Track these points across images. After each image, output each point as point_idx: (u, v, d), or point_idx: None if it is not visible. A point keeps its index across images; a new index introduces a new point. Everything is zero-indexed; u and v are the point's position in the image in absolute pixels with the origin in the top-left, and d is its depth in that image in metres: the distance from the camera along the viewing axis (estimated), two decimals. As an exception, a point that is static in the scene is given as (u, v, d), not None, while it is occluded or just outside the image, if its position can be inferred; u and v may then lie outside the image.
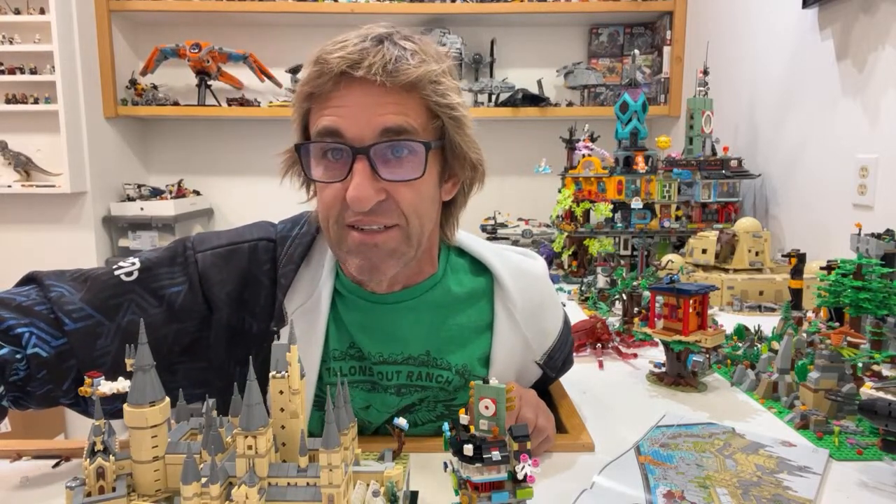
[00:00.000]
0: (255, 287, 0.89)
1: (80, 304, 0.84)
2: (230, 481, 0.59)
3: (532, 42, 3.19)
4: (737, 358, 1.27)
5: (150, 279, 0.87)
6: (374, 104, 0.76)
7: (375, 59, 0.75)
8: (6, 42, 2.72)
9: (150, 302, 0.86)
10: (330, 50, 0.77)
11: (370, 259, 0.81)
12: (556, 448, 0.89)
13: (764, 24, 2.32)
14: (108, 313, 0.84)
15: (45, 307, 0.83)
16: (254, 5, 2.94)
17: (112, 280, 0.86)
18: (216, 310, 0.88)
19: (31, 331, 0.80)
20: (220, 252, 0.90)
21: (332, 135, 0.78)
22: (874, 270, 1.24)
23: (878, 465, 0.86)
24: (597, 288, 1.86)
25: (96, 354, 0.83)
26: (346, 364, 0.91)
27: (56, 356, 0.81)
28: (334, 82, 0.77)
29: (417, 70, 0.76)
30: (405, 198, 0.79)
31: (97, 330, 0.83)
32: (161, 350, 0.84)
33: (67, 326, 0.82)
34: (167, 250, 0.91)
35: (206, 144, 3.29)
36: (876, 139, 1.70)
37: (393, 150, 0.78)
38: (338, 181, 0.79)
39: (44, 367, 0.80)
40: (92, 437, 0.62)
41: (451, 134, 0.81)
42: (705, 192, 2.18)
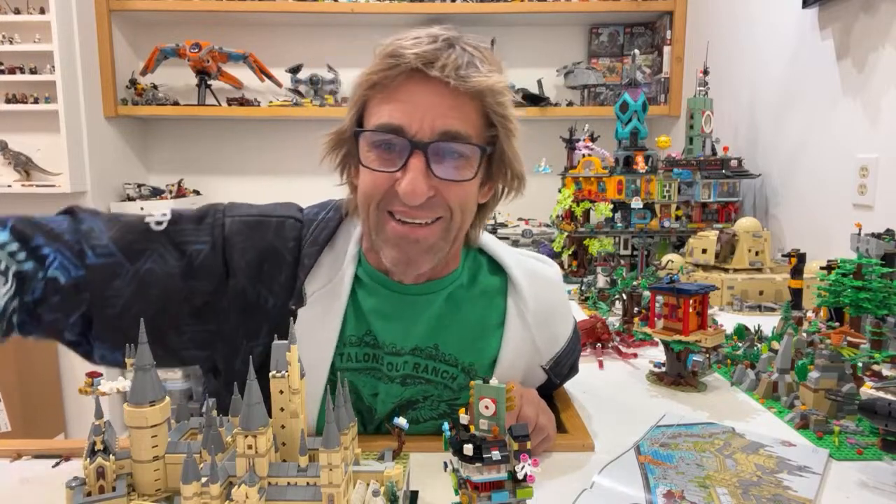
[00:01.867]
0: (277, 262, 0.89)
1: (107, 241, 0.85)
2: (230, 481, 0.59)
3: (532, 42, 3.19)
4: (737, 358, 1.27)
5: (176, 232, 0.88)
6: (439, 105, 0.78)
7: (448, 61, 0.77)
8: (6, 42, 2.71)
9: (172, 254, 0.86)
10: (405, 45, 0.78)
11: (407, 253, 0.82)
12: (556, 448, 0.89)
13: (764, 24, 2.32)
14: (130, 256, 0.85)
15: (74, 238, 0.84)
16: (254, 5, 2.94)
17: (141, 226, 0.88)
18: (233, 275, 0.88)
19: (56, 255, 0.82)
20: (248, 221, 0.91)
21: (393, 129, 0.79)
22: (874, 270, 1.24)
23: (878, 465, 0.86)
24: (597, 288, 1.86)
25: (109, 294, 0.84)
26: (361, 350, 0.91)
27: (72, 285, 0.82)
28: (406, 77, 0.79)
29: (487, 80, 0.79)
30: (453, 196, 0.82)
31: (116, 269, 0.84)
32: (172, 305, 0.86)
33: (89, 260, 0.83)
34: (199, 210, 0.93)
35: (206, 144, 3.29)
36: (876, 139, 1.70)
37: (448, 151, 0.80)
38: (389, 171, 0.80)
39: (58, 293, 0.82)
40: (92, 437, 0.62)
41: (502, 143, 0.84)
42: (705, 191, 2.18)
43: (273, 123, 3.24)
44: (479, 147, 0.81)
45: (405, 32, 0.82)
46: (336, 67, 3.10)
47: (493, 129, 0.83)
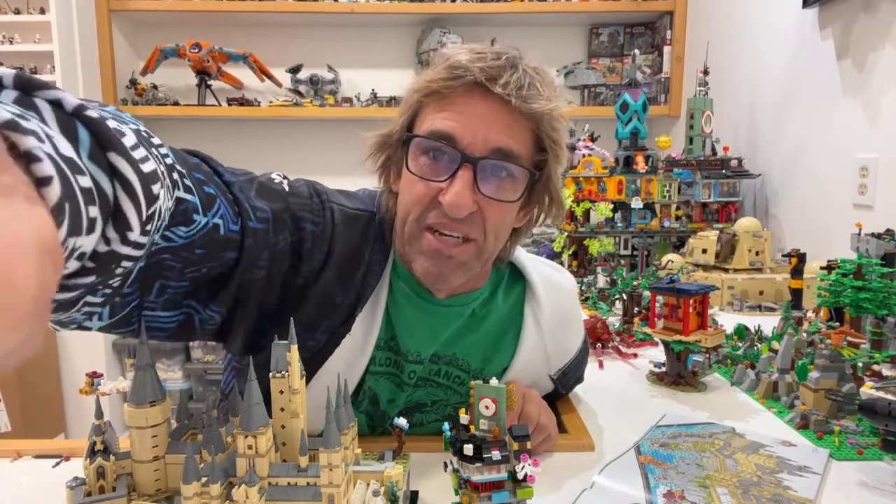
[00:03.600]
0: (358, 261, 0.85)
1: (263, 205, 0.75)
2: (230, 481, 0.59)
3: (532, 42, 3.19)
4: (737, 358, 1.27)
5: (298, 207, 0.80)
6: (495, 121, 0.77)
7: (511, 80, 0.76)
8: (6, 42, 2.72)
9: (290, 229, 0.79)
10: (469, 58, 0.77)
11: (440, 267, 0.81)
12: (557, 448, 0.89)
13: (764, 24, 2.32)
14: (276, 226, 0.76)
15: (226, 189, 0.70)
16: (254, 5, 2.94)
17: (279, 191, 0.79)
18: (330, 267, 0.82)
19: (221, 202, 0.68)
20: (349, 213, 0.86)
21: (445, 137, 0.77)
22: (874, 270, 1.24)
23: (879, 465, 0.86)
24: (597, 288, 1.86)
25: (258, 265, 0.74)
26: (385, 354, 0.90)
27: (225, 241, 0.69)
28: (466, 89, 0.78)
29: (548, 104, 0.78)
30: (492, 215, 0.80)
31: (267, 238, 0.75)
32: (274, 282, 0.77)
33: (251, 223, 0.72)
34: (298, 183, 0.84)
35: (206, 144, 3.27)
36: (876, 139, 1.70)
37: (496, 169, 0.78)
38: (435, 180, 0.78)
39: (207, 246, 0.66)
40: (92, 437, 0.62)
41: (550, 169, 0.83)
42: (705, 191, 2.18)
43: (273, 123, 3.24)
44: (528, 170, 0.80)
45: (466, 45, 0.81)
46: (336, 67, 3.10)
47: (544, 154, 0.82)
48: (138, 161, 0.46)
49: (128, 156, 0.45)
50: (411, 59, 3.16)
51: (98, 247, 0.44)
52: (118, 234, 0.45)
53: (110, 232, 0.44)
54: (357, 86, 3.16)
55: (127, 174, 0.44)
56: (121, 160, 0.44)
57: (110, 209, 0.44)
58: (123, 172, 0.44)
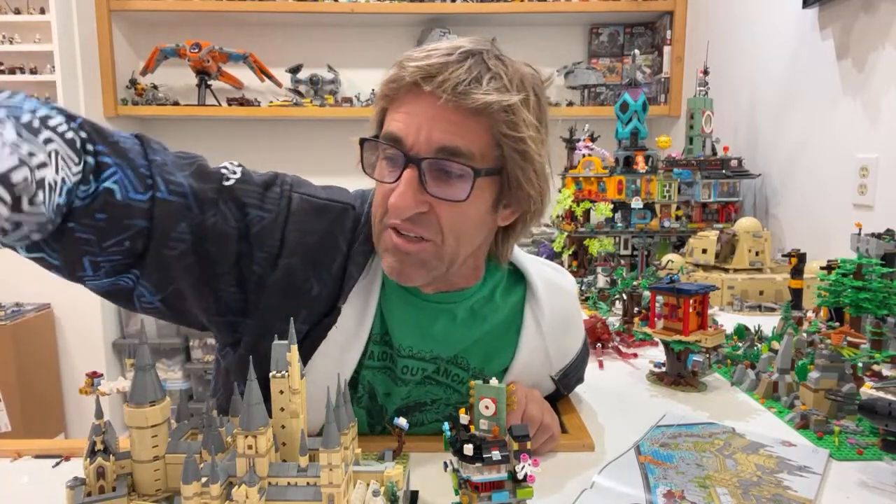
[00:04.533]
0: (332, 251, 0.86)
1: (183, 181, 0.79)
2: (230, 481, 0.59)
3: (532, 42, 3.19)
4: (737, 358, 1.27)
5: (243, 193, 0.83)
6: (438, 120, 0.76)
7: (450, 76, 0.74)
8: (6, 42, 2.72)
9: (234, 214, 0.82)
10: (413, 57, 0.77)
11: (401, 264, 0.81)
12: (557, 448, 0.89)
13: (764, 24, 2.32)
14: (201, 204, 0.80)
15: (142, 163, 0.76)
16: (254, 5, 2.94)
17: (215, 175, 0.83)
18: (286, 254, 0.84)
19: (117, 170, 0.73)
20: (315, 202, 0.87)
21: (394, 139, 0.78)
22: (874, 270, 1.24)
23: (879, 465, 0.86)
24: (597, 288, 1.86)
25: (174, 235, 0.77)
26: (380, 348, 0.90)
27: (125, 206, 0.73)
28: (407, 90, 0.78)
29: (487, 97, 0.75)
30: (447, 216, 0.79)
31: (185, 213, 0.78)
32: (221, 265, 0.81)
33: (160, 193, 0.76)
34: (266, 175, 0.88)
35: (206, 144, 3.28)
36: (876, 139, 1.70)
37: (443, 169, 0.78)
38: (387, 182, 0.80)
39: (107, 210, 0.72)
40: (92, 437, 0.62)
41: (512, 165, 0.80)
42: (705, 191, 2.18)
43: (273, 123, 3.24)
44: (472, 169, 0.77)
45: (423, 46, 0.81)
46: (336, 67, 3.10)
47: (502, 149, 0.79)
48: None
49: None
50: (411, 59, 3.16)
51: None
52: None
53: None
54: (357, 86, 3.16)
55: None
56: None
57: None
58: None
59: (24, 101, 0.67)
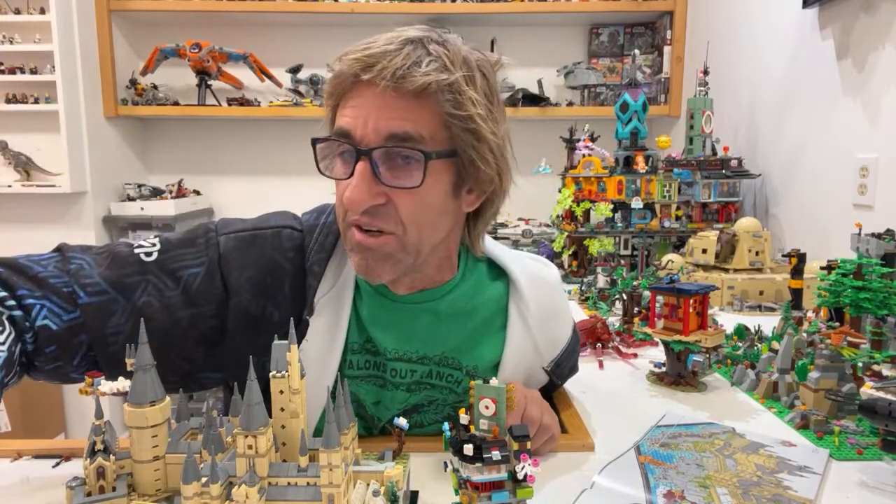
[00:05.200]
0: (278, 274, 0.87)
1: (98, 278, 0.82)
2: (230, 481, 0.59)
3: (532, 42, 3.19)
4: (737, 358, 1.27)
5: (168, 260, 0.85)
6: (383, 108, 0.76)
7: (388, 64, 0.74)
8: (6, 42, 2.72)
9: (168, 284, 0.84)
10: (351, 50, 0.77)
11: (367, 260, 0.81)
12: (557, 448, 0.89)
13: (764, 24, 2.32)
14: (124, 291, 0.83)
15: (62, 280, 0.81)
16: (254, 5, 2.94)
17: (132, 258, 0.85)
18: (234, 294, 0.86)
19: (43, 303, 0.79)
20: (243, 236, 0.88)
21: (343, 134, 0.78)
22: (874, 270, 1.24)
23: (879, 465, 0.86)
24: (597, 288, 1.86)
25: (108, 332, 0.81)
26: (362, 358, 0.90)
27: (66, 330, 0.80)
28: (350, 83, 0.78)
29: (426, 78, 0.74)
30: (405, 205, 0.78)
31: (111, 307, 0.82)
32: (176, 335, 0.84)
33: (81, 300, 0.80)
34: (189, 232, 0.90)
35: (206, 144, 3.29)
36: (876, 139, 1.70)
37: (395, 156, 0.77)
38: (342, 179, 0.79)
39: (53, 342, 0.79)
40: (92, 437, 0.62)
41: (464, 146, 0.79)
42: (705, 191, 2.18)
43: (273, 123, 3.24)
44: (422, 152, 0.76)
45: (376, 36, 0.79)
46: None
47: (450, 131, 0.78)
48: None
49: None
50: (411, 59, 3.16)
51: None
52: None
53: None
54: (357, 86, 3.15)
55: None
56: None
57: None
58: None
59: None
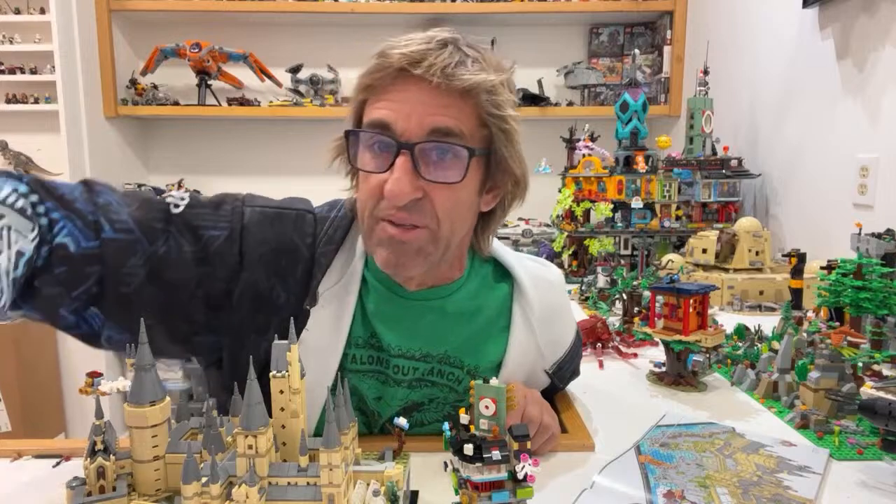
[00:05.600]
0: (294, 257, 0.87)
1: (126, 217, 0.81)
2: (230, 481, 0.59)
3: (532, 42, 3.19)
4: (737, 357, 1.27)
5: (193, 217, 0.85)
6: (427, 103, 0.77)
7: (436, 61, 0.76)
8: (6, 42, 2.72)
9: (188, 239, 0.83)
10: (394, 45, 0.78)
11: (397, 254, 0.81)
12: (557, 448, 0.89)
13: (764, 24, 2.32)
14: (148, 235, 0.81)
15: (88, 208, 0.79)
16: (254, 5, 2.94)
17: (161, 206, 0.85)
18: (247, 266, 0.85)
19: (67, 223, 0.76)
20: (268, 212, 0.89)
21: (382, 127, 0.78)
22: (874, 270, 1.24)
23: (879, 465, 0.86)
24: (597, 287, 1.86)
25: (125, 271, 0.79)
26: (366, 353, 0.90)
27: (82, 256, 0.76)
28: (393, 77, 0.78)
29: (475, 77, 0.77)
30: (441, 200, 0.79)
31: (134, 247, 0.80)
32: (184, 291, 0.82)
33: (105, 233, 0.78)
34: (217, 196, 0.90)
35: (206, 144, 3.28)
36: (876, 139, 1.70)
37: (437, 151, 0.78)
38: (379, 172, 0.79)
39: (65, 263, 0.75)
40: (92, 437, 0.62)
41: (499, 145, 0.82)
42: (705, 191, 2.18)
43: (273, 123, 3.24)
44: (467, 148, 0.78)
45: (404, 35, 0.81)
46: (336, 67, 3.10)
47: (488, 130, 0.81)
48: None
49: None
50: (411, 59, 3.16)
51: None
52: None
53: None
54: (357, 86, 3.15)
55: None
56: None
57: None
58: None
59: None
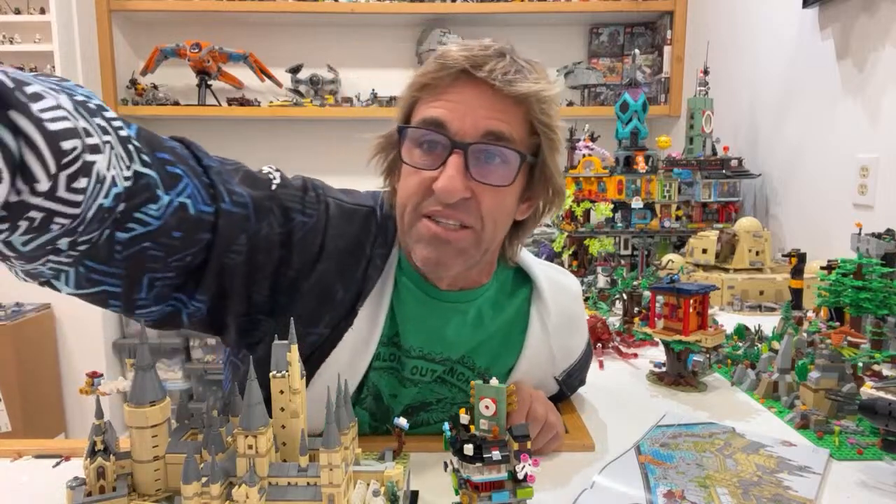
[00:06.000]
0: (358, 255, 0.86)
1: (241, 189, 0.76)
2: (230, 481, 0.59)
3: (532, 42, 3.19)
4: (737, 358, 1.27)
5: (286, 197, 0.81)
6: (484, 106, 0.78)
7: (497, 66, 0.77)
8: (6, 42, 2.72)
9: (278, 220, 0.79)
10: (454, 49, 0.79)
11: (439, 253, 0.81)
12: (557, 448, 0.89)
13: (764, 24, 2.32)
14: (258, 213, 0.77)
15: (199, 170, 0.72)
16: (254, 5, 2.94)
17: (264, 181, 0.81)
18: (324, 260, 0.83)
19: (189, 182, 0.69)
20: (345, 208, 0.87)
21: (436, 125, 0.79)
22: (874, 270, 1.24)
23: (879, 465, 0.86)
24: (597, 288, 1.86)
25: (234, 246, 0.75)
26: (387, 350, 0.90)
27: (197, 220, 0.70)
28: (453, 78, 0.79)
29: (534, 86, 0.79)
30: (487, 202, 0.80)
31: (244, 223, 0.76)
32: (261, 272, 0.79)
33: (225, 205, 0.73)
34: (296, 178, 0.86)
35: (206, 144, 3.20)
36: (876, 139, 1.70)
37: (489, 154, 0.79)
38: (429, 169, 0.79)
39: (182, 227, 0.67)
40: (92, 437, 0.62)
41: (545, 154, 0.83)
42: (705, 191, 2.18)
43: (273, 123, 3.24)
44: (519, 153, 0.79)
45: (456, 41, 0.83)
46: (336, 67, 3.10)
47: (537, 138, 0.82)
48: (45, 120, 0.50)
49: (29, 114, 0.49)
50: (411, 59, 3.16)
51: (9, 197, 0.49)
52: (27, 186, 0.49)
53: (19, 184, 0.49)
54: (357, 86, 3.16)
55: (27, 130, 0.48)
56: (21, 118, 0.48)
57: (16, 162, 0.48)
58: (24, 129, 0.48)
59: (77, 87, 0.60)
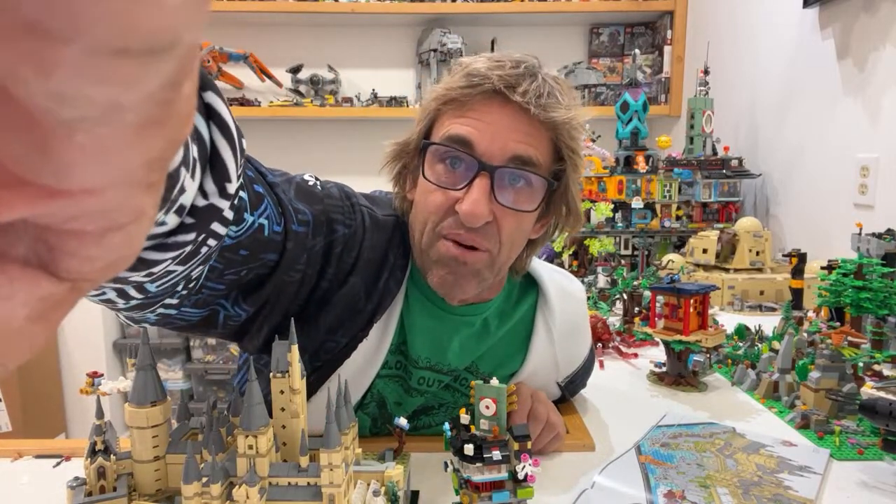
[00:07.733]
0: (384, 266, 0.83)
1: (303, 207, 0.72)
2: (231, 481, 0.59)
3: (532, 42, 3.19)
4: (737, 358, 1.27)
5: (332, 208, 0.77)
6: (514, 129, 0.76)
7: (531, 88, 0.75)
8: (6, 42, 2.72)
9: (324, 232, 0.76)
10: (487, 66, 0.76)
11: (455, 275, 0.79)
12: (557, 448, 0.89)
13: (764, 24, 2.32)
14: (315, 229, 0.73)
15: (267, 189, 0.66)
16: (254, 5, 2.94)
17: (316, 195, 0.75)
18: (357, 272, 0.79)
19: (268, 202, 0.65)
20: (376, 218, 0.83)
21: (462, 144, 0.76)
22: (875, 270, 1.24)
23: (879, 465, 0.86)
24: (597, 288, 1.86)
25: (295, 268, 0.71)
26: (394, 358, 0.89)
27: (267, 241, 0.65)
28: (485, 97, 0.76)
29: (567, 113, 0.77)
30: (507, 226, 0.78)
31: (306, 242, 0.72)
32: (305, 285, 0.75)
33: (294, 225, 0.69)
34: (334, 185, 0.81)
35: (207, 144, 3.28)
36: (877, 139, 1.70)
37: (513, 177, 0.77)
38: (452, 189, 0.77)
39: (251, 246, 0.62)
40: (93, 437, 0.62)
41: (568, 179, 0.82)
42: (706, 191, 2.18)
43: (273, 123, 3.24)
44: (546, 180, 0.78)
45: (484, 55, 0.79)
46: (336, 67, 3.10)
47: (562, 164, 0.80)
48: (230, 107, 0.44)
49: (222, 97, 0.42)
50: (411, 59, 3.16)
51: (196, 201, 0.43)
52: (217, 187, 0.43)
53: (208, 184, 0.43)
54: (357, 86, 3.16)
55: (223, 114, 0.42)
56: (217, 100, 0.42)
57: (207, 153, 0.42)
58: (220, 112, 0.41)
59: None
